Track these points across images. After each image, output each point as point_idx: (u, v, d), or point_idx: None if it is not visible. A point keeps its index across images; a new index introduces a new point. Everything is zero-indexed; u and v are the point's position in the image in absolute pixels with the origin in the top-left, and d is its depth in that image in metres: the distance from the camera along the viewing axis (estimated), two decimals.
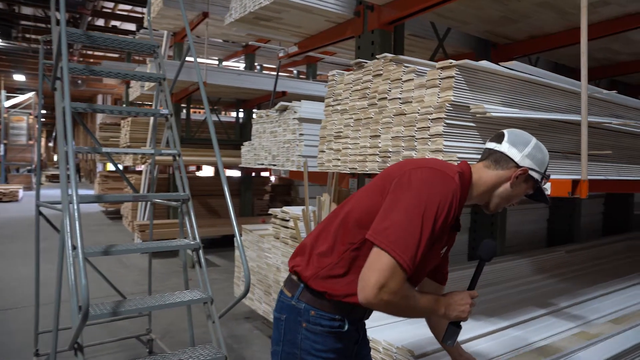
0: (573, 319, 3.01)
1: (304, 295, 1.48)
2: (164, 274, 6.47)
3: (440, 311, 1.42)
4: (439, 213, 1.30)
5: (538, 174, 1.52)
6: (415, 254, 1.26)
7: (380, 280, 1.25)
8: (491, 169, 1.53)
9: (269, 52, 10.13)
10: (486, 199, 1.55)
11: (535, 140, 1.56)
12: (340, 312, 1.47)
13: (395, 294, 1.26)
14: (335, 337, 1.48)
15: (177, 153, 3.06)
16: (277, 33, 4.15)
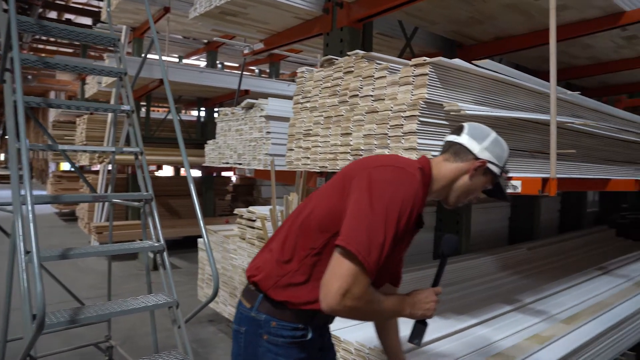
0: (537, 314, 3.07)
1: (264, 306, 1.41)
2: (122, 277, 6.22)
3: (405, 311, 1.39)
4: (402, 213, 1.26)
5: (497, 167, 1.51)
6: (379, 257, 1.22)
7: (343, 286, 1.20)
8: (450, 162, 1.50)
9: (231, 50, 9.96)
10: (446, 193, 1.52)
11: (494, 134, 1.55)
12: (303, 321, 1.41)
13: (360, 300, 1.22)
14: (298, 347, 1.41)
15: (139, 151, 2.92)
16: (243, 29, 4.04)
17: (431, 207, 4.66)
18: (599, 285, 3.84)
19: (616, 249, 5.41)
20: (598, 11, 3.38)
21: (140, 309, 2.36)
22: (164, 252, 2.68)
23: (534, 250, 4.62)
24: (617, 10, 3.37)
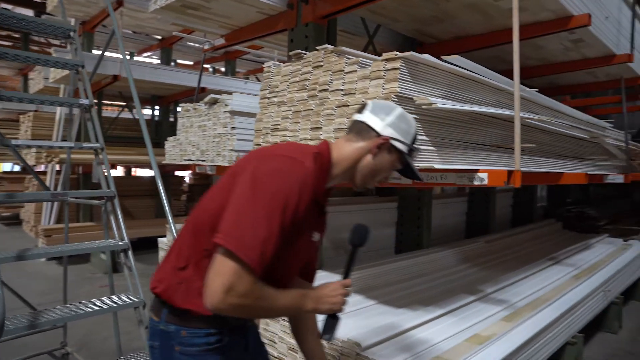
0: (500, 303, 3.20)
1: (170, 317, 1.33)
2: (76, 281, 5.92)
3: (308, 306, 1.31)
4: (287, 204, 1.19)
5: (403, 144, 1.41)
6: (263, 252, 1.14)
7: (225, 284, 1.12)
8: (353, 142, 1.42)
9: (185, 47, 9.74)
10: (351, 175, 1.43)
11: (400, 110, 1.45)
12: (214, 325, 1.32)
13: (245, 297, 1.15)
14: (216, 353, 1.33)
15: (100, 147, 2.80)
16: (205, 24, 3.96)
17: (392, 203, 4.75)
18: (551, 274, 4.05)
19: (564, 240, 5.72)
20: (550, 14, 3.56)
21: (106, 310, 2.26)
22: (128, 251, 2.57)
23: (492, 243, 4.80)
24: (566, 14, 3.57)
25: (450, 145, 2.48)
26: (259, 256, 1.14)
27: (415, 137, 1.47)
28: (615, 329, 4.30)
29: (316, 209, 1.39)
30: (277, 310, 1.27)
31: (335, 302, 1.35)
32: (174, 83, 7.04)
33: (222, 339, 1.33)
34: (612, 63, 4.66)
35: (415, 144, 1.47)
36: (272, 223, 1.16)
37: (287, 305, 1.27)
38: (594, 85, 5.89)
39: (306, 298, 1.31)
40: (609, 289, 4.10)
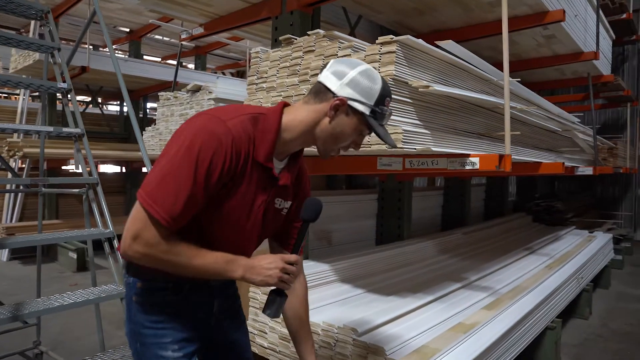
0: (484, 290, 3.26)
1: (129, 269, 1.35)
2: (43, 280, 5.62)
3: (236, 273, 1.24)
4: (200, 161, 1.14)
5: (363, 105, 1.27)
6: (172, 204, 1.13)
7: (133, 231, 1.15)
8: (310, 104, 1.31)
9: (154, 41, 9.51)
10: (311, 140, 1.33)
11: (363, 67, 1.30)
12: (169, 278, 1.30)
13: (152, 247, 1.15)
14: (171, 305, 1.34)
15: (80, 132, 2.68)
16: (184, 11, 3.87)
17: (372, 195, 4.77)
18: (528, 264, 4.17)
19: (535, 232, 5.91)
20: (527, 9, 3.67)
21: (93, 300, 2.17)
22: (113, 240, 2.47)
23: (468, 234, 4.90)
24: (542, 9, 3.68)
25: (442, 130, 2.51)
26: (165, 209, 1.13)
27: (383, 97, 1.29)
28: (587, 315, 4.47)
29: (263, 172, 1.29)
30: (194, 268, 1.21)
31: (270, 275, 1.24)
32: (145, 76, 6.85)
33: (178, 291, 1.33)
34: (580, 60, 4.85)
35: (384, 105, 1.30)
36: (181, 178, 1.14)
37: (206, 265, 1.21)
38: (562, 82, 6.11)
39: (234, 264, 1.24)
40: (582, 276, 4.26)
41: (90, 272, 2.81)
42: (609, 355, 3.68)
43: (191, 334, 1.38)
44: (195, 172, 1.14)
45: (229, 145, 1.18)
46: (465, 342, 2.33)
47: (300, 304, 1.56)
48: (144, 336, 1.34)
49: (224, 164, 1.18)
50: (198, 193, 1.17)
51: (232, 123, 1.20)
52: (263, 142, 1.26)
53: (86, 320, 4.30)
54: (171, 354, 1.33)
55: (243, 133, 1.21)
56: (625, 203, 8.93)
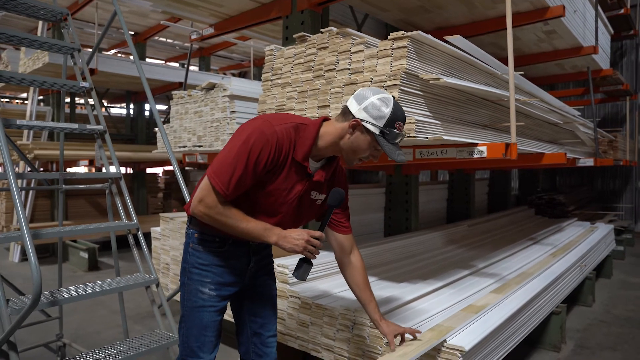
0: (491, 276, 3.38)
1: (191, 223, 1.76)
2: (56, 280, 5.77)
3: (271, 239, 1.58)
4: (252, 152, 1.50)
5: (373, 126, 1.58)
6: (229, 180, 1.50)
7: (199, 196, 1.56)
8: (338, 122, 1.65)
9: (158, 43, 9.62)
10: (337, 151, 1.67)
11: (382, 96, 1.61)
12: (219, 233, 1.67)
13: (211, 209, 1.54)
14: (217, 254, 1.72)
15: (103, 129, 2.79)
16: (196, 11, 3.98)
17: (380, 189, 4.89)
18: (532, 252, 4.28)
19: (538, 224, 6.03)
20: (528, 4, 3.79)
21: (126, 287, 2.28)
22: (138, 231, 2.58)
23: (474, 226, 5.02)
24: (543, 5, 3.80)
25: (450, 121, 2.63)
26: (225, 182, 1.51)
27: (393, 121, 1.59)
28: (590, 303, 4.58)
29: (299, 169, 1.63)
30: (241, 229, 1.57)
31: (297, 244, 1.57)
32: (152, 78, 6.96)
33: (223, 245, 1.71)
34: (580, 54, 4.97)
35: (394, 128, 1.59)
36: (237, 162, 1.51)
37: (249, 228, 1.57)
38: (562, 77, 6.23)
39: (271, 231, 1.59)
40: (585, 264, 4.37)
41: (114, 263, 2.91)
42: (612, 338, 3.80)
43: (229, 280, 1.75)
44: (247, 160, 1.51)
45: (274, 144, 1.54)
46: (477, 321, 2.44)
47: (358, 274, 1.91)
48: (191, 273, 1.73)
49: (268, 156, 1.54)
50: (247, 174, 1.53)
51: (279, 128, 1.56)
52: (302, 146, 1.61)
53: (103, 316, 4.42)
54: (208, 291, 1.71)
55: (286, 137, 1.57)
56: (625, 195, 9.05)
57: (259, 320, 1.90)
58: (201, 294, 1.71)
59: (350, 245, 1.91)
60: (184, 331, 1.74)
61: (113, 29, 8.40)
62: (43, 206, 7.24)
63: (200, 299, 1.71)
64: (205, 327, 1.71)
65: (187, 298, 1.73)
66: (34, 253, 1.71)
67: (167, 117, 11.31)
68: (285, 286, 2.88)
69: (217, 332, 1.76)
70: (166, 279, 4.02)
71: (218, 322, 1.75)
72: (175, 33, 7.96)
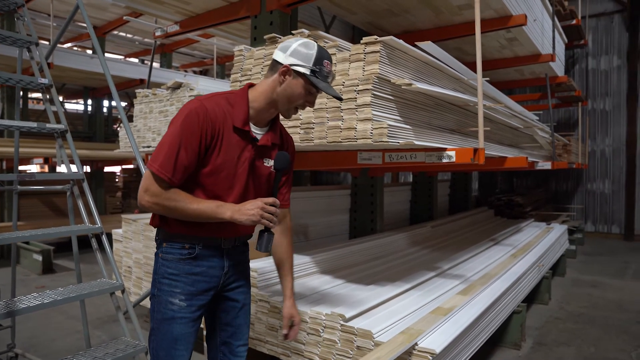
0: (456, 277, 3.45)
1: (159, 231, 1.71)
2: (7, 284, 5.46)
3: (225, 215, 1.54)
4: (185, 129, 1.51)
5: (303, 67, 1.58)
6: (169, 163, 1.50)
7: (143, 186, 1.54)
8: (268, 78, 1.65)
9: (118, 38, 9.30)
10: (275, 106, 1.65)
11: (302, 40, 1.63)
12: (188, 241, 1.65)
13: (157, 196, 1.52)
14: (187, 262, 1.66)
15: (64, 129, 2.66)
16: (161, 9, 3.87)
17: (346, 190, 4.91)
18: (494, 253, 4.42)
19: (497, 225, 6.22)
20: (493, 12, 3.90)
21: (90, 294, 2.17)
22: (102, 235, 2.48)
23: (437, 227, 5.12)
24: (507, 13, 3.92)
25: (420, 126, 2.66)
26: (164, 166, 1.50)
27: (320, 59, 1.59)
28: (546, 301, 4.77)
29: (242, 136, 1.61)
30: (192, 211, 1.53)
31: (253, 213, 1.53)
32: (113, 74, 6.68)
33: (193, 251, 1.65)
34: (539, 61, 5.16)
35: (322, 65, 1.59)
36: (174, 144, 1.51)
37: (201, 208, 1.53)
38: (521, 82, 6.45)
39: (224, 207, 1.55)
40: (542, 264, 4.55)
41: (75, 268, 2.78)
42: (566, 334, 3.96)
43: (202, 287, 1.67)
44: (182, 139, 1.51)
45: (204, 117, 1.54)
46: (446, 323, 2.49)
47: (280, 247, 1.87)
48: (161, 284, 1.66)
49: (201, 130, 1.53)
50: (188, 153, 1.52)
51: (208, 102, 1.57)
52: (238, 112, 1.60)
53: (60, 323, 4.22)
54: (178, 302, 1.64)
55: (217, 108, 1.57)
56: (577, 197, 9.50)
57: (230, 329, 1.82)
58: (171, 305, 1.64)
59: (283, 215, 1.87)
60: (154, 344, 1.67)
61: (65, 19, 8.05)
62: None
63: (171, 310, 1.64)
64: (175, 339, 1.64)
65: (157, 310, 1.66)
66: None
67: (128, 114, 10.97)
68: (253, 290, 2.83)
69: (189, 345, 1.68)
70: (129, 283, 3.89)
71: (190, 334, 1.67)
72: (136, 28, 7.72)
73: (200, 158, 1.56)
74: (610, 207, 9.15)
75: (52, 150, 6.89)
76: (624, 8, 8.96)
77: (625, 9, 8.95)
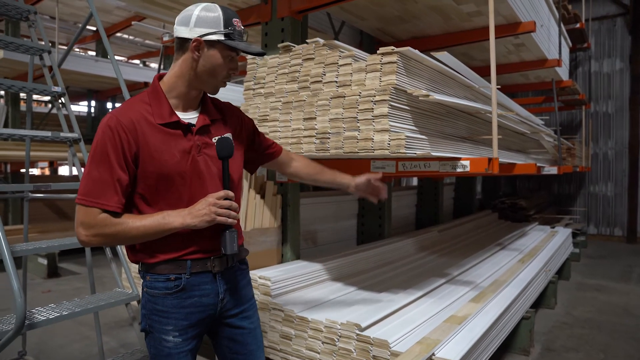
0: (466, 284, 3.46)
1: (142, 265, 1.52)
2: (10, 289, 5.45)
3: (175, 223, 1.40)
4: (100, 147, 1.37)
5: (217, 34, 1.42)
6: (91, 189, 1.34)
7: (76, 222, 1.38)
8: (178, 60, 1.48)
9: (120, 40, 9.29)
10: (197, 86, 1.50)
11: (202, 5, 1.46)
12: (172, 271, 1.48)
13: (93, 227, 1.35)
14: (175, 296, 1.49)
15: (77, 137, 2.66)
16: (170, 14, 3.86)
17: (353, 196, 4.91)
18: (501, 258, 4.43)
19: (502, 228, 6.23)
20: (502, 19, 3.90)
21: (108, 305, 2.18)
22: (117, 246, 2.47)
23: (443, 232, 5.13)
24: (516, 20, 3.93)
25: (435, 135, 2.67)
26: (89, 194, 1.34)
27: (229, 19, 1.44)
28: (552, 305, 4.78)
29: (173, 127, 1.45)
30: (137, 230, 1.37)
31: (205, 213, 1.39)
32: (115, 77, 6.69)
33: (179, 285, 1.48)
34: (545, 66, 5.18)
35: (233, 25, 1.44)
36: (91, 169, 1.36)
37: (147, 224, 1.38)
38: (525, 86, 6.46)
39: (171, 216, 1.40)
40: (549, 269, 4.56)
41: (89, 277, 2.77)
42: (574, 340, 3.97)
43: (197, 318, 1.52)
44: (100, 158, 1.36)
45: (117, 127, 1.38)
46: (461, 332, 2.50)
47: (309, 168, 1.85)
48: (151, 321, 1.51)
49: (122, 143, 1.38)
50: (110, 170, 1.36)
51: (119, 110, 1.42)
52: (157, 107, 1.45)
53: (67, 328, 4.21)
54: (172, 339, 1.49)
55: (131, 112, 1.42)
56: (579, 199, 9.52)
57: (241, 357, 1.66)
58: (165, 342, 1.50)
59: (288, 158, 1.83)
60: None
61: (69, 22, 8.03)
62: None
63: (166, 347, 1.50)
64: None
65: (153, 345, 1.53)
66: (17, 277, 1.61)
67: None
68: (267, 298, 2.84)
69: None
70: (138, 289, 3.88)
71: None
72: (139, 30, 7.71)
73: (133, 171, 1.41)
74: (612, 209, 9.17)
75: (56, 154, 6.88)
76: (627, 11, 8.98)
77: (627, 12, 8.98)
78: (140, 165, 1.41)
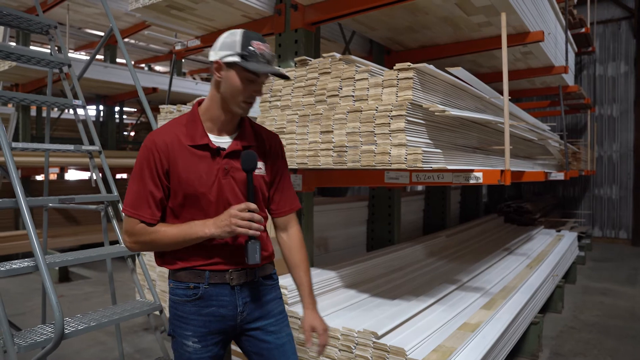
0: (477, 290, 3.52)
1: (170, 272, 1.65)
2: (24, 294, 5.54)
3: (200, 232, 1.50)
4: (142, 169, 1.53)
5: (233, 56, 1.48)
6: (138, 205, 1.51)
7: (124, 230, 1.57)
8: (212, 83, 1.59)
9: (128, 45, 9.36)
10: (225, 107, 1.57)
11: (228, 32, 1.54)
12: (191, 279, 1.58)
13: (136, 235, 1.53)
14: (194, 303, 1.58)
15: (98, 149, 2.72)
16: (184, 24, 3.93)
17: (363, 202, 4.98)
18: (510, 263, 4.48)
19: (509, 232, 6.29)
20: (511, 29, 3.96)
21: (132, 315, 2.24)
22: (138, 257, 2.54)
23: (451, 237, 5.18)
24: (525, 30, 3.99)
25: (448, 147, 2.73)
26: (131, 205, 1.52)
27: (247, 41, 1.49)
28: (560, 309, 4.84)
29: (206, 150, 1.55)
30: (172, 237, 1.52)
31: (226, 224, 1.48)
32: (126, 83, 6.78)
33: (197, 293, 1.58)
34: (552, 73, 5.23)
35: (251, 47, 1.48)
36: (138, 183, 1.53)
37: (175, 234, 1.51)
38: (531, 91, 6.52)
39: (202, 225, 1.51)
40: (556, 273, 4.61)
41: (110, 288, 2.84)
42: (583, 344, 4.03)
43: (216, 327, 1.60)
44: (140, 173, 1.53)
45: (152, 147, 1.53)
46: (474, 339, 2.56)
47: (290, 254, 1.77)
48: (174, 325, 1.63)
49: (155, 162, 1.52)
50: (152, 188, 1.53)
51: (157, 132, 1.58)
52: (191, 129, 1.56)
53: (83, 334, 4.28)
54: (191, 344, 1.58)
55: (166, 134, 1.55)
56: (584, 202, 9.57)
57: None
58: (186, 347, 1.59)
59: (285, 224, 1.77)
60: None
61: (83, 30, 8.11)
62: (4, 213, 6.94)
63: (186, 352, 1.59)
64: None
65: (175, 349, 1.64)
66: (54, 290, 1.67)
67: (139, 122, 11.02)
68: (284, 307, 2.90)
69: None
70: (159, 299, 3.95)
71: None
72: (146, 36, 7.77)
73: (166, 187, 1.55)
74: (617, 212, 9.22)
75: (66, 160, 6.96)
76: (632, 15, 9.03)
77: (632, 16, 9.02)
78: (171, 183, 1.55)
